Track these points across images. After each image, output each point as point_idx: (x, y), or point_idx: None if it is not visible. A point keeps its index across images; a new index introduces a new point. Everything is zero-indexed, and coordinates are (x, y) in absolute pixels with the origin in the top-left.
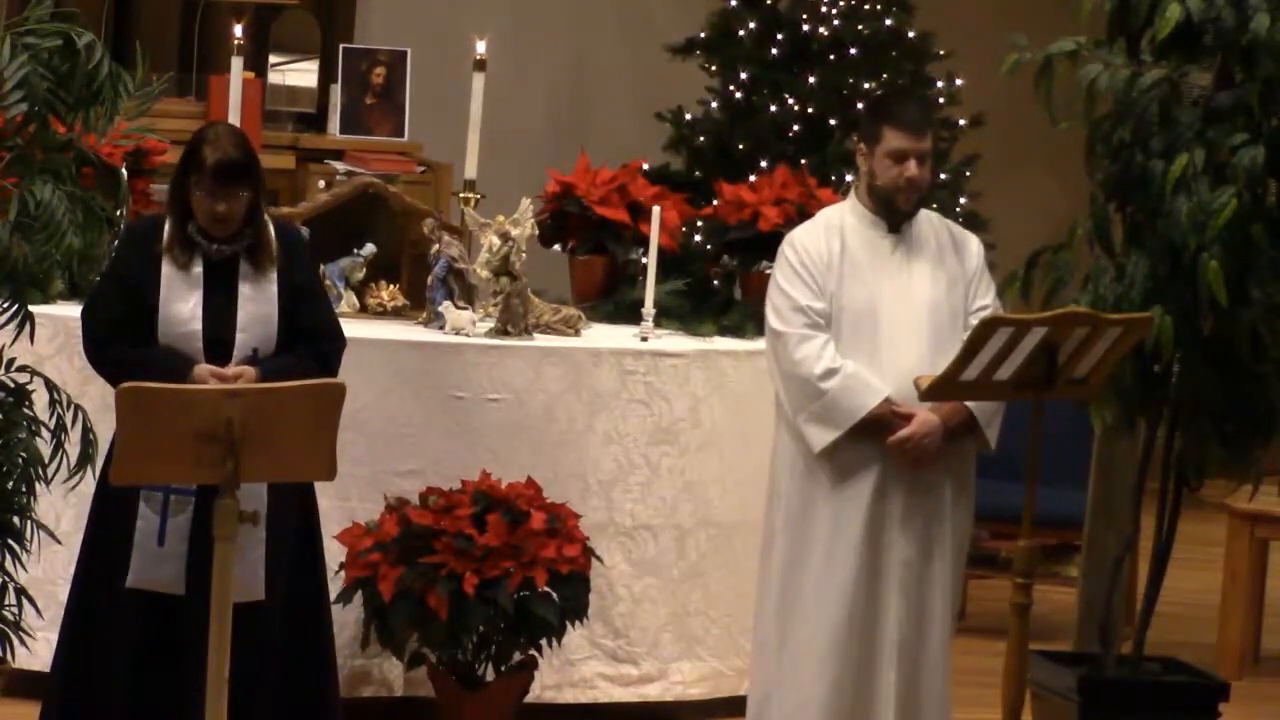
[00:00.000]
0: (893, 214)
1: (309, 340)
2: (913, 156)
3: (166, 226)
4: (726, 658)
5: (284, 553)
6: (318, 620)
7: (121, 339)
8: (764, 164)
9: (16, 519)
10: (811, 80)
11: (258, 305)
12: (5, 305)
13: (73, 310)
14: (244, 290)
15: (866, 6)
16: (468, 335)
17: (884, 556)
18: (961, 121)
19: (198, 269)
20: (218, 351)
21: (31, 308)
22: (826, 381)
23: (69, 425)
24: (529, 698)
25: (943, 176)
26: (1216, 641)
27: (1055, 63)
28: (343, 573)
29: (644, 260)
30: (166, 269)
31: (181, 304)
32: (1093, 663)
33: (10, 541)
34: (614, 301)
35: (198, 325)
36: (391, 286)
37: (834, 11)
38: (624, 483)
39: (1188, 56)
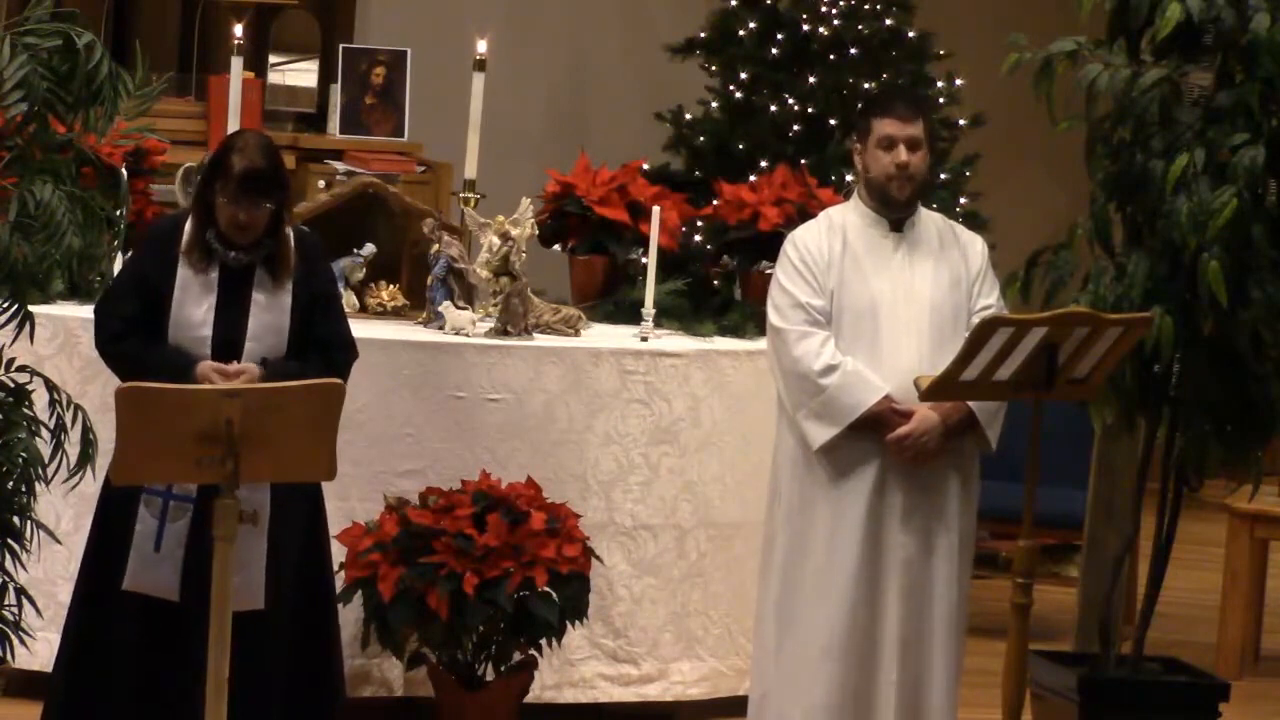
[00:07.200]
0: (890, 207)
1: (321, 350)
2: (901, 142)
3: (187, 228)
4: (726, 658)
5: (289, 562)
6: (325, 629)
7: (133, 335)
8: (764, 164)
9: (16, 519)
10: (811, 80)
11: (270, 315)
12: (5, 305)
13: (73, 310)
14: (257, 299)
15: (866, 6)
16: (468, 335)
17: (884, 554)
18: (961, 121)
19: (214, 274)
20: (226, 357)
21: (31, 308)
22: (826, 378)
23: (69, 425)
24: (529, 698)
25: (943, 176)
26: (1216, 641)
27: (1055, 63)
28: (343, 573)
29: (644, 260)
30: (183, 272)
31: (194, 308)
32: (1093, 663)
33: (10, 541)
34: (614, 301)
35: (208, 330)
36: (391, 286)
37: (834, 11)
38: (624, 483)
39: (1188, 56)
